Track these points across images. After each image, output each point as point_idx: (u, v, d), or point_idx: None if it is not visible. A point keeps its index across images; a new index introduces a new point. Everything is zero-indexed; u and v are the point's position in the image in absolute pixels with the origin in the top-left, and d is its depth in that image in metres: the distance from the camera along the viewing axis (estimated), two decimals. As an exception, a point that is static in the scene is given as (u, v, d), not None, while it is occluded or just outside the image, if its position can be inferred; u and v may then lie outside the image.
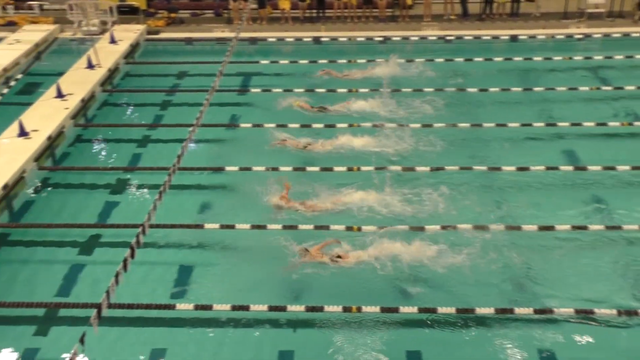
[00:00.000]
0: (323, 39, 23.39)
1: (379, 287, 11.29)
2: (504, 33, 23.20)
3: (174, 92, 19.30)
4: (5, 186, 13.76)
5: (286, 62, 21.22)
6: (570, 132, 16.36)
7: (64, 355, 9.93)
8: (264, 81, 19.97)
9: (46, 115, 16.80)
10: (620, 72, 19.90)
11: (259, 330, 10.55)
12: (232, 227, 12.74)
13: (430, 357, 10.08)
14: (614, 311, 10.58)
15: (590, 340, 10.27)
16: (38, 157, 15.17)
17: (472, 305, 10.71)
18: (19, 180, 14.29)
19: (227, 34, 23.59)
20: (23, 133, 15.69)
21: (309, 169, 14.79)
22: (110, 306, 8.94)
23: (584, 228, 12.66)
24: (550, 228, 12.63)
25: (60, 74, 19.56)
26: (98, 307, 8.65)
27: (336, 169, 14.70)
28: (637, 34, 22.68)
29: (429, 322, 10.57)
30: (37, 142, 15.46)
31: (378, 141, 15.75)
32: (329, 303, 10.73)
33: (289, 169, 14.73)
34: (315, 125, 16.72)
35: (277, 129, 16.39)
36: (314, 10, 24.94)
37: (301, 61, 21.14)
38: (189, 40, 23.67)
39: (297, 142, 15.69)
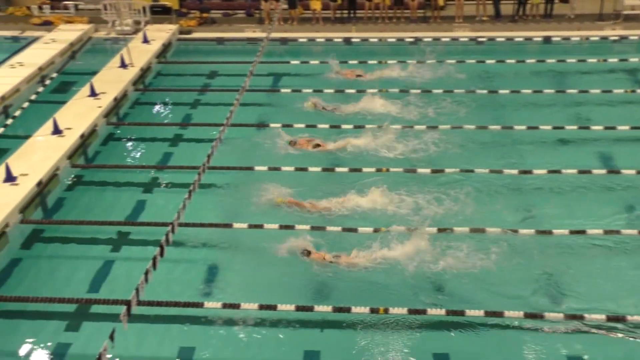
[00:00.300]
0: (354, 40, 23.35)
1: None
2: (537, 34, 22.94)
3: (204, 92, 19.44)
4: (40, 183, 14.00)
5: (316, 62, 21.23)
6: (604, 136, 16.10)
7: (94, 351, 10.05)
8: (294, 81, 20.00)
9: (79, 114, 17.05)
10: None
11: (285, 330, 10.58)
12: (260, 226, 12.79)
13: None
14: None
15: (622, 347, 10.10)
16: (71, 155, 15.41)
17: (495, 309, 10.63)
18: (53, 177, 14.52)
19: (258, 34, 23.71)
20: (57, 131, 15.95)
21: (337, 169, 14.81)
22: (139, 303, 9.03)
23: (617, 233, 12.46)
24: (581, 232, 12.45)
25: (94, 73, 19.85)
26: (128, 304, 8.74)
27: (365, 169, 14.68)
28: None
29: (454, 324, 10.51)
30: (70, 140, 15.71)
31: (403, 143, 15.68)
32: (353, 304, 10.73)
33: (318, 169, 14.75)
34: (344, 126, 16.71)
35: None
36: (345, 11, 24.92)
37: (332, 62, 21.08)
38: (220, 40, 23.83)
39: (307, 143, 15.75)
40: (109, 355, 8.25)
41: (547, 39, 22.73)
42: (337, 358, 10.16)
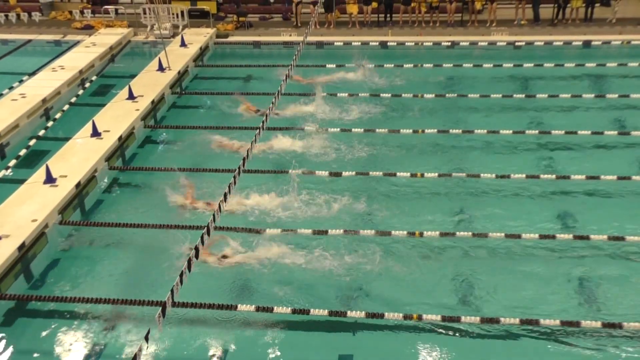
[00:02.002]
0: (390, 44, 23.28)
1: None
2: (577, 39, 22.58)
3: (241, 95, 19.52)
4: (78, 184, 14.24)
5: (352, 65, 21.20)
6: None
7: (129, 351, 10.20)
8: (329, 85, 19.98)
9: (118, 116, 17.31)
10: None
11: (319, 334, 10.60)
12: (294, 231, 12.83)
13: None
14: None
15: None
16: (109, 157, 15.65)
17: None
18: (91, 179, 14.76)
19: (294, 37, 23.80)
20: (96, 133, 16.22)
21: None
22: (174, 305, 9.10)
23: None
24: (620, 239, 12.22)
25: (132, 76, 20.14)
26: (163, 305, 8.81)
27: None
28: None
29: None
30: (108, 142, 15.95)
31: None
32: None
33: (352, 173, 14.74)
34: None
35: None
36: (382, 15, 24.86)
37: (367, 65, 21.07)
38: (257, 44, 23.98)
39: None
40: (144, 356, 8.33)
41: (586, 43, 22.36)
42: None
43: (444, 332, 10.48)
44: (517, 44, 22.69)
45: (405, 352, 10.18)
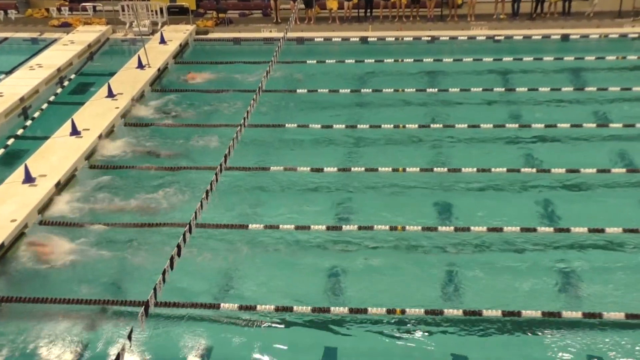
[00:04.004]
0: (370, 39, 23.31)
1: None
2: (555, 32, 22.74)
3: (221, 92, 19.45)
4: (58, 184, 14.11)
5: (333, 61, 21.21)
6: (622, 134, 15.96)
7: (112, 351, 10.13)
8: (311, 81, 19.99)
9: (97, 115, 17.17)
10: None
11: (301, 330, 10.60)
12: (276, 227, 12.82)
13: None
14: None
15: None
16: (89, 156, 15.51)
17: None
18: (71, 178, 14.62)
19: (274, 34, 23.73)
20: (75, 132, 16.07)
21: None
22: (157, 304, 9.06)
23: (636, 231, 12.32)
24: (600, 231, 12.35)
25: (112, 74, 19.97)
26: (145, 304, 8.77)
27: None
28: (695, 33, 22.00)
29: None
30: (88, 140, 15.82)
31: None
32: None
33: (334, 169, 14.78)
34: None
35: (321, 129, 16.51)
36: (362, 10, 24.87)
37: (348, 61, 21.11)
38: (237, 40, 23.88)
39: None
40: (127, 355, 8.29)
41: (565, 37, 22.54)
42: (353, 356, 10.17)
43: (427, 325, 10.52)
44: (496, 38, 22.82)
45: (389, 346, 10.21)
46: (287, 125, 17.01)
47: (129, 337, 8.28)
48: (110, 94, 18.22)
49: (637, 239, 12.25)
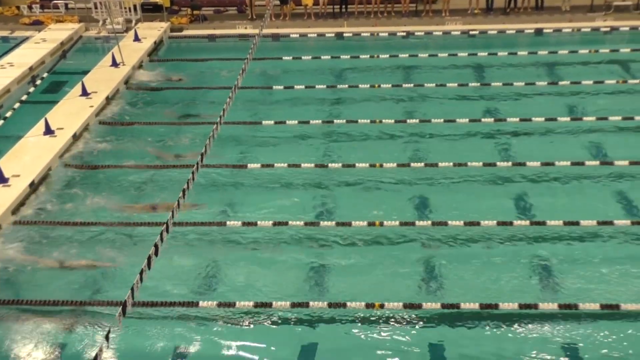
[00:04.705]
0: (346, 35, 23.32)
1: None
2: (529, 27, 22.94)
3: (197, 89, 19.35)
4: (32, 184, 13.93)
5: (308, 58, 21.19)
6: (596, 126, 16.16)
7: (90, 352, 10.04)
8: (287, 78, 19.95)
9: (71, 114, 16.97)
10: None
11: (281, 326, 10.60)
12: (254, 224, 12.79)
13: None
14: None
15: (615, 335, 10.18)
16: (63, 155, 15.33)
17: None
18: (45, 178, 14.45)
19: (250, 30, 23.65)
20: (49, 131, 15.87)
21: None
22: (134, 304, 8.99)
23: (611, 223, 12.49)
24: (575, 224, 12.49)
25: (85, 72, 19.76)
26: (123, 304, 8.70)
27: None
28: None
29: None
30: (62, 140, 15.63)
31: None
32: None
33: (311, 165, 14.77)
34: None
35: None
36: (337, 6, 24.87)
37: (323, 57, 21.11)
38: (212, 37, 23.75)
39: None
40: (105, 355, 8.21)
41: (538, 31, 22.75)
42: (332, 352, 10.20)
43: (406, 319, 10.57)
44: (471, 33, 22.97)
45: (369, 340, 10.24)
46: (263, 122, 16.97)
47: (107, 338, 8.21)
48: (85, 93, 18.03)
49: (612, 231, 12.41)
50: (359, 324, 10.55)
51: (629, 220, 12.61)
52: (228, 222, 12.92)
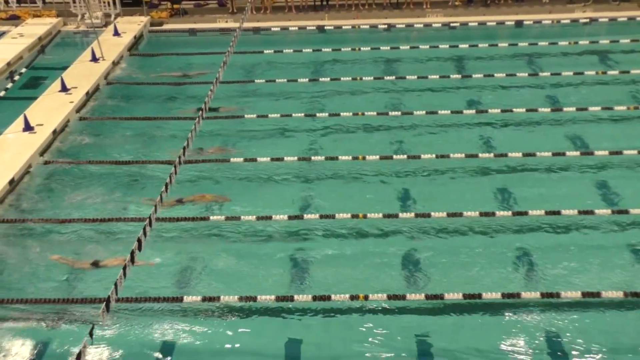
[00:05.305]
0: (327, 28, 23.29)
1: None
2: (509, 19, 23.03)
3: (178, 84, 19.23)
4: (12, 181, 13.79)
5: (290, 51, 21.14)
6: (576, 117, 16.29)
7: (74, 349, 9.98)
8: (268, 71, 19.89)
9: (51, 109, 16.81)
10: (626, 56, 19.79)
11: (266, 320, 10.60)
12: (238, 218, 12.77)
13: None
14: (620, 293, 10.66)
15: (596, 323, 10.33)
16: (43, 152, 15.18)
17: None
18: (25, 174, 14.30)
19: (230, 24, 23.53)
20: (28, 127, 15.71)
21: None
22: (118, 300, 8.96)
23: (591, 213, 12.61)
24: (557, 213, 12.59)
25: (64, 67, 19.56)
26: (106, 301, 8.66)
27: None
28: (644, 17, 22.55)
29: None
30: (42, 136, 15.48)
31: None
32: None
33: (294, 158, 14.76)
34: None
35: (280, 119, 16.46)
36: (318, -1, 24.85)
37: (305, 50, 21.06)
38: (192, 31, 23.60)
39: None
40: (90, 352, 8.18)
41: (518, 23, 22.87)
42: (318, 345, 10.22)
43: (390, 310, 10.63)
44: (452, 25, 23.03)
45: (353, 332, 10.28)
46: (246, 115, 16.91)
47: (90, 334, 8.18)
48: (64, 88, 17.85)
49: (593, 220, 12.54)
50: (344, 316, 10.58)
51: (610, 209, 12.75)
52: (211, 217, 12.88)
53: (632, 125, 15.97)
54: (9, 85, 19.41)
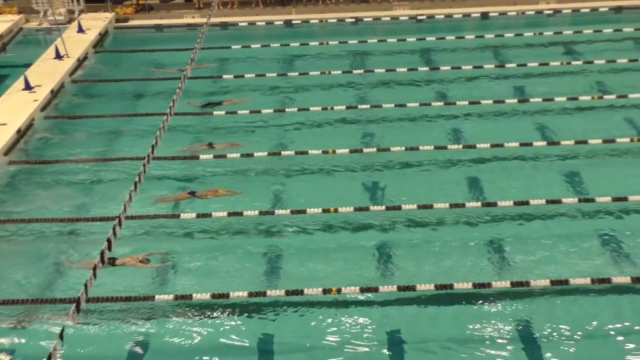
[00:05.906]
0: (294, 22, 23.22)
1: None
2: (475, 11, 23.21)
3: (145, 81, 19.02)
4: (-24, 182, 13.55)
5: (258, 46, 21.03)
6: (542, 108, 16.52)
7: (44, 351, 9.84)
8: (237, 66, 19.79)
9: (14, 108, 16.50)
10: (589, 47, 20.11)
11: (240, 316, 10.57)
12: (209, 215, 12.70)
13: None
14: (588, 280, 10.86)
15: (566, 310, 10.51)
16: (8, 151, 14.91)
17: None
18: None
19: (197, 19, 23.33)
20: (-8, 127, 15.44)
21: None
22: (88, 300, 8.86)
23: (558, 202, 12.81)
24: (525, 203, 12.76)
25: (28, 65, 19.22)
26: (76, 301, 8.56)
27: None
28: (605, 9, 22.87)
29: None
30: (6, 135, 15.19)
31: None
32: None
33: (264, 154, 14.72)
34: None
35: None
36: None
37: (273, 45, 20.98)
38: (159, 27, 23.35)
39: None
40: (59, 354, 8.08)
41: (484, 15, 23.07)
42: (293, 339, 10.23)
43: (363, 303, 10.68)
44: (419, 18, 23.14)
45: (326, 326, 10.31)
46: (214, 112, 16.80)
47: (61, 336, 8.07)
48: (28, 87, 17.53)
49: (559, 209, 12.73)
50: (317, 310, 10.61)
51: (577, 198, 12.96)
52: (182, 215, 12.79)
53: (597, 115, 16.23)
54: (-29, 84, 19.03)
